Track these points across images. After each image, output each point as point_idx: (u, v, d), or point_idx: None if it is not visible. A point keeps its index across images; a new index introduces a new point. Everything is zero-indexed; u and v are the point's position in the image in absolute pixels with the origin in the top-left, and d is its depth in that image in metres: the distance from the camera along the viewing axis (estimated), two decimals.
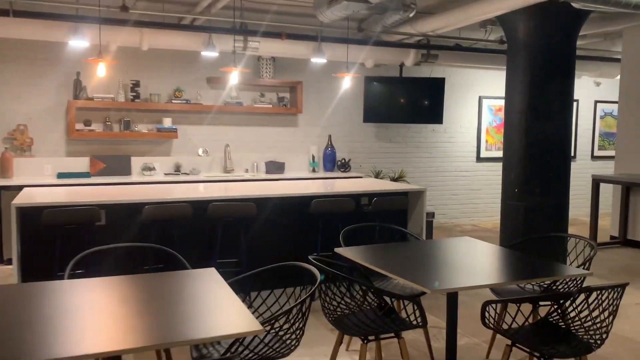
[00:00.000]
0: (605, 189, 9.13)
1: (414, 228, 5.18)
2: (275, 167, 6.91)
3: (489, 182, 8.50)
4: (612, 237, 7.08)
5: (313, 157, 7.25)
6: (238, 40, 5.89)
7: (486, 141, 8.42)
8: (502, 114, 8.40)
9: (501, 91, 8.42)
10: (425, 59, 6.84)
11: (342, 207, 4.55)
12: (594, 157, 9.32)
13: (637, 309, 4.43)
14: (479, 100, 8.33)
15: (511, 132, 5.36)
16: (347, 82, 6.46)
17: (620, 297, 2.51)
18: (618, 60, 7.40)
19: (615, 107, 9.26)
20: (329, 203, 4.50)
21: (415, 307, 2.70)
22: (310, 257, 2.76)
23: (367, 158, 7.73)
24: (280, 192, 4.61)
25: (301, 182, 5.74)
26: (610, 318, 2.49)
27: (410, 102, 7.59)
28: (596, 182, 6.71)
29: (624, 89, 6.91)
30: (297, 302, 2.24)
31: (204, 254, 4.48)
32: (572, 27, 5.15)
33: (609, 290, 2.47)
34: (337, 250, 3.10)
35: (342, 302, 2.67)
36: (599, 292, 2.45)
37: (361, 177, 6.86)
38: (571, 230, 7.64)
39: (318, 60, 6.21)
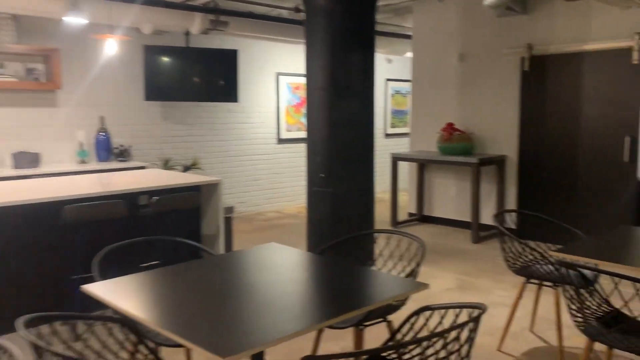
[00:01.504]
0: (401, 167, 9.38)
1: (209, 228, 4.29)
2: (27, 160, 5.35)
3: (292, 165, 7.99)
4: (410, 214, 7.12)
5: (81, 144, 5.83)
6: None
7: (286, 122, 7.86)
8: (301, 93, 7.92)
9: (299, 67, 7.95)
10: (214, 27, 5.91)
11: (109, 212, 3.43)
12: (387, 135, 9.47)
13: (448, 296, 4.21)
14: (276, 77, 7.70)
15: (313, 111, 4.76)
16: (113, 47, 5.21)
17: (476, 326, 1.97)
18: (409, 36, 7.41)
19: (403, 85, 9.50)
20: (88, 209, 3.34)
21: None
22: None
23: (153, 144, 6.55)
24: (15, 199, 3.29)
25: (60, 179, 4.39)
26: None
27: (201, 77, 6.61)
28: (395, 160, 6.60)
29: (417, 66, 6.90)
30: None
31: None
32: None
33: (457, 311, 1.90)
34: (85, 288, 2.05)
35: None
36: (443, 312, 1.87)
37: (144, 168, 5.70)
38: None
39: (75, 21, 4.84)
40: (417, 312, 2.15)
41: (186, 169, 6.60)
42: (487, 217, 6.33)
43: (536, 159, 5.82)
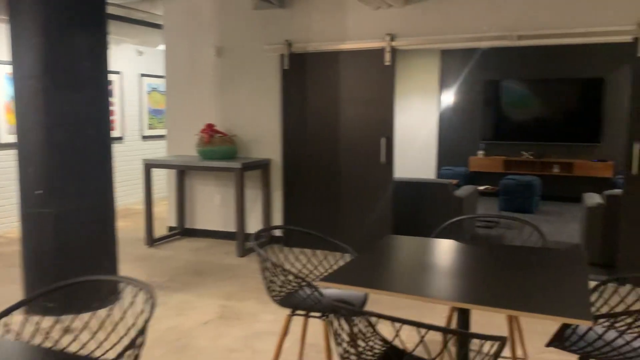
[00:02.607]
0: (160, 174, 8.40)
1: None
2: None
3: (6, 176, 6.40)
4: (170, 228, 6.26)
5: None
6: None
7: (7, 121, 6.26)
8: None
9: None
10: None
11: None
12: (144, 138, 8.41)
13: (206, 333, 3.52)
14: None
15: (24, 108, 3.61)
16: None
17: None
18: (160, 26, 6.53)
19: (161, 82, 8.55)
20: None
21: None
22: None
23: None
24: None
25: None
26: None
27: None
28: (148, 167, 5.67)
29: (170, 60, 6.07)
30: None
31: None
32: None
33: None
34: None
35: None
36: None
37: None
38: (125, 223, 6.49)
39: None
40: None
41: None
42: (254, 225, 5.85)
43: (300, 163, 5.52)
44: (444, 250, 2.56)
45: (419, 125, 9.69)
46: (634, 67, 4.24)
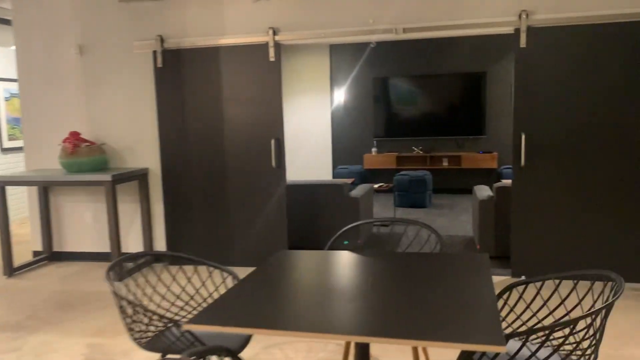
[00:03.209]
0: (19, 191, 7.43)
1: None
2: None
3: None
4: (36, 253, 5.45)
5: None
6: None
7: None
8: None
9: None
10: None
11: None
12: (4, 150, 7.38)
13: None
14: None
15: None
16: None
17: None
18: (10, 22, 5.67)
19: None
20: None
21: None
22: None
23: None
24: None
25: None
26: None
27: None
28: (1, 185, 4.85)
29: (23, 61, 5.26)
30: None
31: None
32: None
33: None
34: None
35: None
36: None
37: None
38: None
39: None
40: None
41: None
42: (134, 243, 5.23)
43: (181, 171, 5.00)
44: (339, 267, 2.24)
45: (312, 124, 9.47)
46: (516, 58, 4.24)
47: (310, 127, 9.47)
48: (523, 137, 4.27)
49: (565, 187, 4.24)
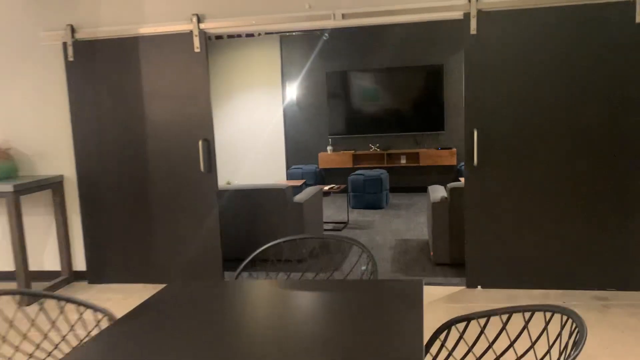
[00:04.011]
0: None
1: None
2: None
3: None
4: None
5: None
6: None
7: None
8: None
9: None
10: None
11: None
12: None
13: None
14: None
15: None
16: None
17: None
18: None
19: None
20: None
21: None
22: None
23: None
24: None
25: None
26: None
27: None
28: None
29: None
30: None
31: None
32: None
33: None
34: None
35: None
36: None
37: None
38: None
39: None
40: None
41: None
42: (51, 260, 4.65)
43: (100, 178, 4.43)
44: (243, 308, 1.76)
45: (263, 122, 8.96)
46: (466, 47, 3.82)
47: (261, 125, 8.97)
48: (476, 133, 3.86)
49: (524, 187, 3.86)
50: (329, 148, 8.78)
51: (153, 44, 4.24)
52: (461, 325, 2.86)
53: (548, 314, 2.79)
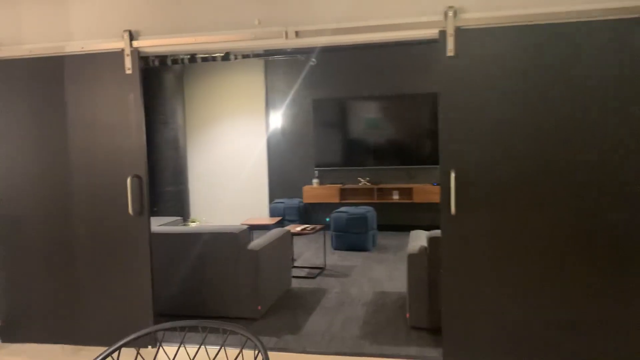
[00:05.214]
0: None
1: None
2: None
3: None
4: None
5: None
6: None
7: None
8: None
9: None
10: None
11: None
12: None
13: None
14: None
15: None
16: None
17: None
18: None
19: None
20: None
21: None
22: None
23: None
24: None
25: None
26: None
27: None
28: None
29: None
30: None
31: None
32: None
33: None
34: None
35: None
36: None
37: None
38: None
39: None
40: None
41: None
42: None
43: (16, 221, 3.77)
44: None
45: (245, 152, 8.35)
46: (441, 71, 3.16)
47: (243, 156, 8.35)
48: (453, 175, 3.17)
49: (509, 241, 3.14)
50: (314, 181, 8.11)
51: (80, 64, 3.63)
52: None
53: None
